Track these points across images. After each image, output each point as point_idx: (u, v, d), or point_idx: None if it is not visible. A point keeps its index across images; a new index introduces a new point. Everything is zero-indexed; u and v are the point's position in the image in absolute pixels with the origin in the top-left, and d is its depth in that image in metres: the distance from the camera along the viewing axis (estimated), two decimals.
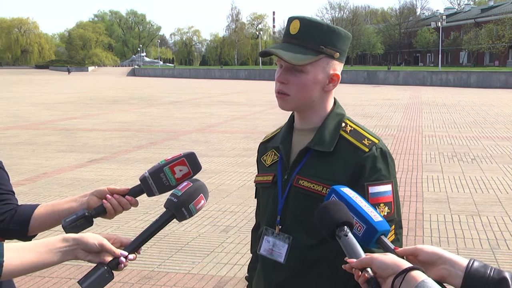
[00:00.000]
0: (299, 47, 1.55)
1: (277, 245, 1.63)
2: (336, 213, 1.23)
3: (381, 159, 1.56)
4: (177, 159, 1.53)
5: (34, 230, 1.61)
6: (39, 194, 7.44)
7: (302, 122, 1.66)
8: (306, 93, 1.57)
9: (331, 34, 1.56)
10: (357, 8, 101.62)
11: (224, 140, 12.53)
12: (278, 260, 1.62)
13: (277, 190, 1.65)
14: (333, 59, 1.58)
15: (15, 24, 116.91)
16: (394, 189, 1.56)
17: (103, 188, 1.57)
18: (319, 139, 1.59)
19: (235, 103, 24.20)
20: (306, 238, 1.58)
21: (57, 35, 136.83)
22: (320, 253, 1.57)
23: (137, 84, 49.52)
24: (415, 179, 8.25)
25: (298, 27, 1.56)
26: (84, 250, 1.31)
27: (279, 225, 1.63)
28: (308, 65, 1.54)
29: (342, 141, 1.59)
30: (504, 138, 12.67)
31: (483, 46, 66.51)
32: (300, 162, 1.61)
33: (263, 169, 1.76)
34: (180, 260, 4.93)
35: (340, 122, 1.62)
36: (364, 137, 1.59)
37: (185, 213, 1.42)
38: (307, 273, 1.59)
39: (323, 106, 1.63)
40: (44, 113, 19.62)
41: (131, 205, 1.57)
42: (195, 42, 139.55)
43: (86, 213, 1.49)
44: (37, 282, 4.39)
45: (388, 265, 1.11)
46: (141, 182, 1.54)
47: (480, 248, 5.24)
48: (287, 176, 1.62)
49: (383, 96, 28.12)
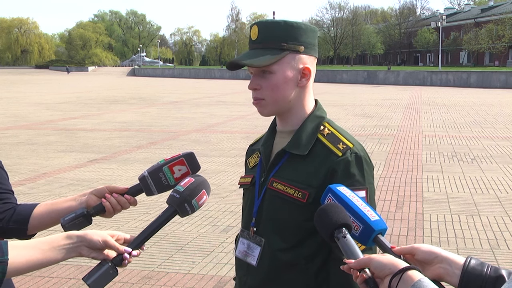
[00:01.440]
0: (262, 50, 1.54)
1: (251, 248, 1.62)
2: (334, 216, 1.23)
3: (355, 164, 1.52)
4: (176, 158, 1.53)
5: (33, 229, 1.61)
6: (39, 194, 7.44)
7: (283, 124, 1.65)
8: (280, 93, 1.55)
9: (291, 29, 1.54)
10: (357, 8, 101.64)
11: (224, 140, 12.54)
12: (251, 262, 1.61)
13: (254, 192, 1.64)
14: (299, 53, 1.55)
15: (15, 24, 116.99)
16: (369, 195, 1.53)
17: (102, 187, 1.58)
18: (296, 141, 1.58)
19: (235, 103, 24.20)
20: (278, 242, 1.57)
21: (57, 35, 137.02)
22: (292, 258, 1.55)
23: (137, 84, 49.53)
24: (415, 179, 8.26)
25: (257, 31, 1.56)
26: (88, 247, 1.32)
27: (254, 227, 1.62)
28: (274, 65, 1.53)
29: (318, 145, 1.57)
30: (504, 138, 12.67)
31: (483, 46, 66.49)
32: (277, 165, 1.60)
33: (247, 171, 1.77)
34: (180, 260, 4.93)
35: (318, 125, 1.60)
36: (339, 141, 1.56)
37: (188, 209, 1.42)
38: (278, 277, 1.57)
39: (301, 106, 1.61)
40: (44, 113, 19.63)
41: (130, 204, 1.57)
42: (195, 42, 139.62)
43: (85, 212, 1.50)
44: (37, 282, 4.40)
45: (385, 265, 1.12)
46: (140, 182, 1.55)
47: (480, 248, 5.24)
48: (264, 178, 1.62)
49: (383, 96, 28.11)
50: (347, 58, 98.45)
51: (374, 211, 1.28)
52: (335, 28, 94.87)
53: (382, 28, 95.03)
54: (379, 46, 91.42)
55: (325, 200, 1.33)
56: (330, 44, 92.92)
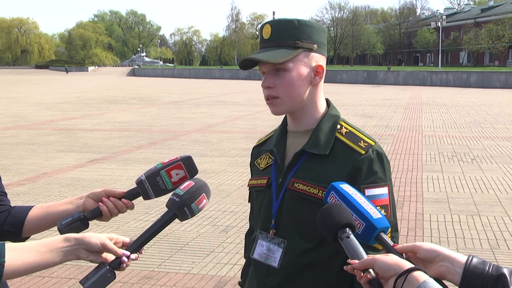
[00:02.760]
0: (276, 48, 1.54)
1: (271, 250, 1.61)
2: (337, 215, 1.23)
3: (378, 162, 1.54)
4: (174, 162, 1.52)
5: (28, 232, 1.59)
6: (39, 194, 7.44)
7: (296, 124, 1.64)
8: (295, 91, 1.55)
9: (304, 28, 1.55)
10: (357, 8, 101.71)
11: (224, 140, 12.54)
12: (272, 264, 1.60)
13: (272, 194, 1.63)
14: (312, 52, 1.56)
15: (15, 24, 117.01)
16: (390, 191, 1.55)
17: (99, 191, 1.56)
18: (315, 141, 1.58)
19: (235, 103, 24.20)
20: (301, 242, 1.56)
21: (57, 35, 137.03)
22: (315, 257, 1.55)
23: (137, 84, 49.53)
24: (415, 179, 8.25)
25: (270, 30, 1.56)
26: (86, 250, 1.31)
27: (273, 229, 1.61)
28: (288, 62, 1.53)
29: (338, 144, 1.57)
30: (504, 138, 12.67)
31: (483, 46, 66.49)
32: (295, 165, 1.59)
33: (257, 173, 1.74)
34: (180, 260, 4.93)
35: (335, 124, 1.60)
36: (360, 139, 1.57)
37: (187, 213, 1.42)
38: (301, 277, 1.57)
39: (314, 105, 1.61)
40: (44, 113, 19.63)
41: (127, 208, 1.56)
42: (195, 42, 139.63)
43: (81, 216, 1.48)
44: (37, 282, 4.40)
45: (390, 265, 1.12)
46: (137, 185, 1.54)
47: (480, 248, 5.24)
48: (282, 179, 1.61)
49: (383, 96, 28.11)
50: (347, 58, 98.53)
51: (376, 209, 1.27)
52: (335, 28, 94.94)
53: (382, 28, 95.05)
54: (379, 46, 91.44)
55: (328, 197, 1.32)
56: (330, 44, 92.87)
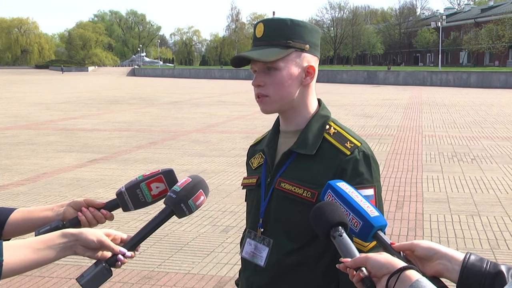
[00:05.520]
0: (267, 47, 1.54)
1: (258, 248, 1.62)
2: (330, 214, 1.23)
3: (363, 163, 1.53)
4: (155, 175, 1.52)
5: (8, 235, 1.58)
6: (39, 194, 7.44)
7: (287, 124, 1.64)
8: (285, 90, 1.55)
9: (297, 28, 1.55)
10: (357, 8, 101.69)
11: (224, 140, 12.54)
12: (259, 263, 1.61)
13: (260, 193, 1.64)
14: (304, 52, 1.56)
15: (15, 24, 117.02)
16: (376, 193, 1.53)
17: (80, 200, 1.56)
18: (302, 141, 1.58)
19: (235, 103, 24.20)
20: (287, 242, 1.57)
21: (57, 35, 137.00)
22: (301, 258, 1.55)
23: (137, 84, 49.52)
24: (415, 179, 8.25)
25: (263, 29, 1.56)
26: (82, 246, 1.31)
27: (261, 228, 1.62)
28: (279, 61, 1.53)
29: (325, 144, 1.57)
30: (504, 138, 12.67)
31: (483, 46, 66.48)
32: (283, 165, 1.60)
33: (250, 172, 1.75)
34: (180, 260, 4.93)
35: (324, 124, 1.60)
36: (347, 139, 1.56)
37: (185, 209, 1.42)
38: (286, 277, 1.57)
39: (305, 105, 1.61)
40: (44, 113, 19.63)
41: (106, 219, 1.56)
42: (195, 42, 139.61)
43: (60, 225, 1.48)
44: (37, 282, 4.40)
45: (382, 264, 1.11)
46: (117, 197, 1.54)
47: (480, 248, 5.24)
48: (270, 179, 1.61)
49: (383, 96, 28.11)
50: (347, 58, 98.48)
51: (374, 207, 1.27)
52: (335, 28, 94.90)
53: (382, 28, 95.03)
54: (379, 46, 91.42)
55: (325, 196, 1.32)
56: (330, 44, 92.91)
